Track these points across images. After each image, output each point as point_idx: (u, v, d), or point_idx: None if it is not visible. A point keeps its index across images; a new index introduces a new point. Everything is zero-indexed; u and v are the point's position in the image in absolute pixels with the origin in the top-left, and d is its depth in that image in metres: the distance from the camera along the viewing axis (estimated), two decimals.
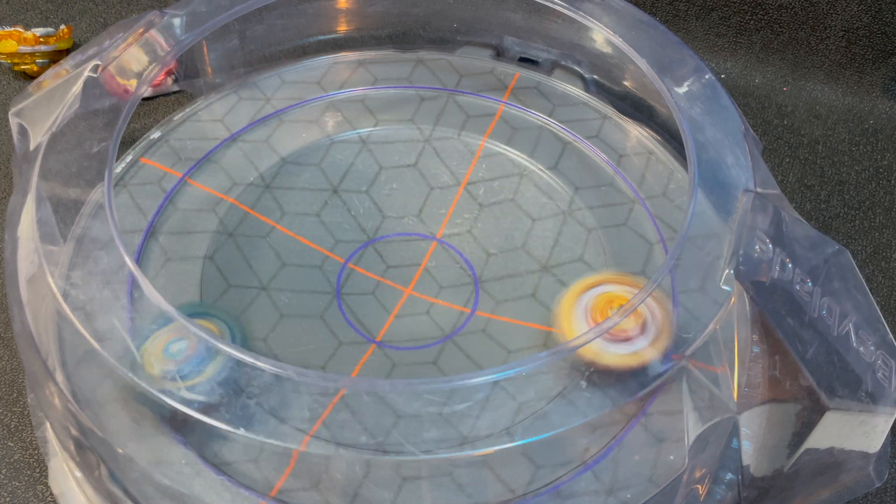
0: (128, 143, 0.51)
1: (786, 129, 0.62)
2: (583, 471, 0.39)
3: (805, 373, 0.36)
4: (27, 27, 0.61)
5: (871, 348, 0.37)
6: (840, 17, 0.62)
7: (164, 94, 0.59)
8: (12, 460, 0.44)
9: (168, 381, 0.35)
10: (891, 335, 0.38)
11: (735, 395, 0.36)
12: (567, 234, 0.48)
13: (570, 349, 0.37)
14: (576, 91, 0.56)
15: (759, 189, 0.42)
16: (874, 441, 0.37)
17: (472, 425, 0.36)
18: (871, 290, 0.42)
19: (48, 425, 0.43)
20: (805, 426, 0.36)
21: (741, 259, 0.39)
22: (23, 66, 0.60)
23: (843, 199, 0.58)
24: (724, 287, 0.38)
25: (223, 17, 0.49)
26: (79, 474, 0.41)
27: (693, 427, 0.37)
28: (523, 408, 0.38)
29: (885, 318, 0.39)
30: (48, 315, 0.39)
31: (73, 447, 0.39)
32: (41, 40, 0.60)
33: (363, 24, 0.58)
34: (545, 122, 0.54)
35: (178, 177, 0.50)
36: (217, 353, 0.35)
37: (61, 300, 0.37)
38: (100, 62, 0.45)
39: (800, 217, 0.42)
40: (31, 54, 0.60)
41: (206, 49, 0.54)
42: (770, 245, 0.39)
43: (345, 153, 0.52)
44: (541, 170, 0.51)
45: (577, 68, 0.56)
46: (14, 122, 0.46)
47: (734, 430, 0.38)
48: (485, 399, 0.37)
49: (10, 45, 0.59)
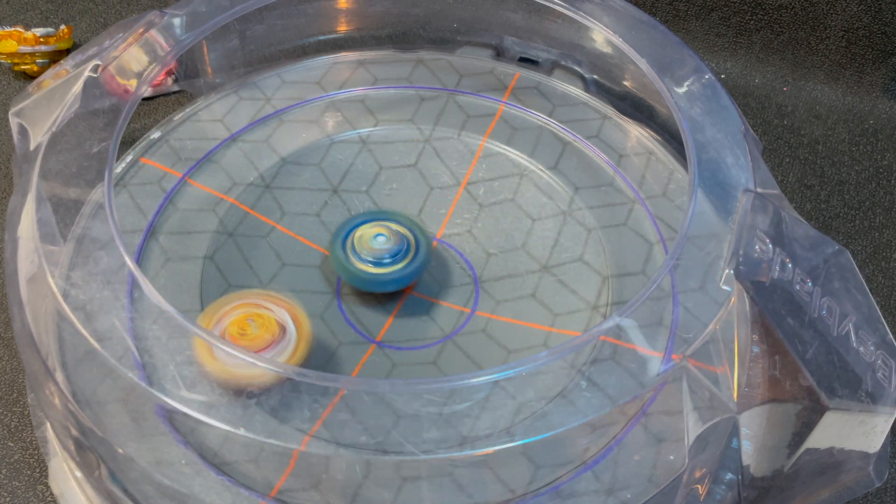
0: (128, 143, 0.51)
1: (786, 129, 0.62)
2: (583, 471, 0.39)
3: (805, 373, 0.36)
4: (27, 27, 0.61)
5: (871, 348, 0.37)
6: (840, 17, 0.62)
7: (164, 94, 0.59)
8: (12, 460, 0.44)
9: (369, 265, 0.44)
10: (891, 335, 0.38)
11: (735, 395, 0.36)
12: (567, 234, 0.48)
13: (570, 349, 0.37)
14: (576, 91, 0.56)
15: (759, 189, 0.42)
16: (874, 441, 0.37)
17: (472, 425, 0.36)
18: (871, 290, 0.42)
19: (48, 425, 0.43)
20: (805, 426, 0.36)
21: (741, 259, 0.39)
22: (23, 66, 0.60)
23: (843, 199, 0.58)
24: (724, 287, 0.38)
25: (223, 17, 0.49)
26: (79, 474, 0.41)
27: (693, 427, 0.37)
28: (523, 408, 0.38)
29: (885, 318, 0.39)
30: (48, 315, 0.39)
31: (73, 447, 0.39)
32: (41, 40, 0.60)
33: (363, 24, 0.58)
34: (545, 122, 0.54)
35: (178, 177, 0.50)
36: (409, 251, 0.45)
37: (61, 300, 0.37)
38: (100, 62, 0.45)
39: (800, 217, 0.42)
40: (31, 54, 0.60)
41: (206, 49, 0.54)
42: (770, 245, 0.39)
43: (345, 153, 0.52)
44: (541, 170, 0.51)
45: (577, 68, 0.56)
46: (14, 122, 0.46)
47: (734, 430, 0.38)
48: (485, 399, 0.37)
49: (10, 45, 0.59)
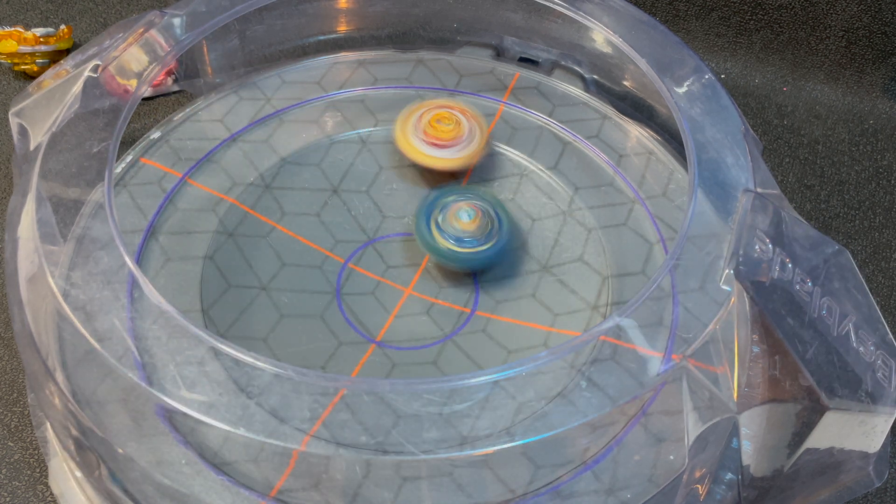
0: (128, 143, 0.51)
1: (786, 129, 0.62)
2: (583, 471, 0.39)
3: (805, 373, 0.36)
4: (27, 27, 0.61)
5: (871, 348, 0.37)
6: (840, 17, 0.62)
7: (164, 94, 0.59)
8: (12, 460, 0.44)
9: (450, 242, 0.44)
10: (891, 335, 0.38)
11: (735, 395, 0.36)
12: (567, 234, 0.48)
13: (570, 349, 0.37)
14: (576, 91, 0.56)
15: (759, 189, 0.42)
16: (874, 441, 0.37)
17: (472, 425, 0.36)
18: (871, 290, 0.42)
19: (48, 425, 0.43)
20: (805, 426, 0.36)
21: (741, 259, 0.39)
22: (23, 66, 0.60)
23: (843, 199, 0.58)
24: (724, 287, 0.38)
25: (223, 17, 0.49)
26: (79, 474, 0.41)
27: (693, 427, 0.37)
28: (523, 408, 0.38)
29: (885, 318, 0.39)
30: (48, 315, 0.39)
31: (73, 447, 0.39)
32: (41, 40, 0.60)
33: (363, 24, 0.58)
34: (545, 122, 0.54)
35: (178, 177, 0.50)
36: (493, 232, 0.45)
37: (61, 300, 0.37)
38: (100, 62, 0.45)
39: (800, 217, 0.42)
40: (31, 54, 0.60)
41: (206, 49, 0.54)
42: (770, 245, 0.39)
43: (345, 153, 0.52)
44: (541, 170, 0.51)
45: (577, 68, 0.56)
46: (14, 122, 0.46)
47: (734, 430, 0.38)
48: (485, 399, 0.37)
49: (10, 45, 0.59)
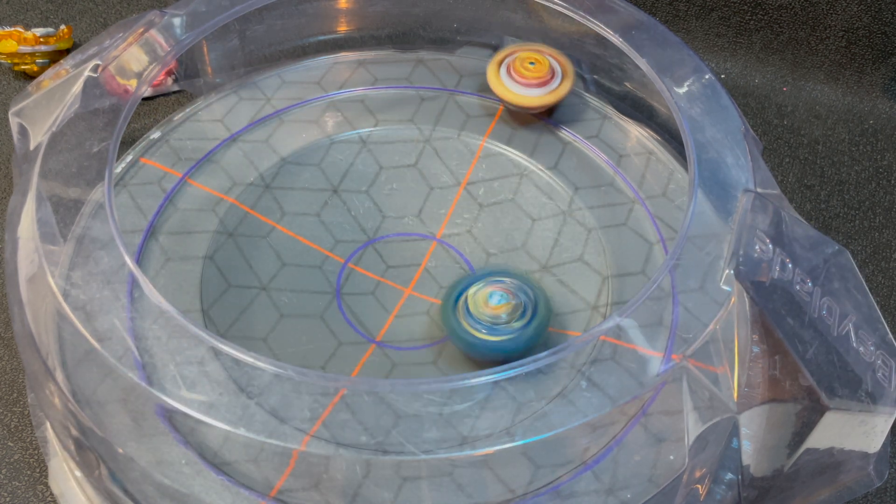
0: (128, 143, 0.51)
1: (786, 129, 0.62)
2: (583, 471, 0.39)
3: (805, 373, 0.36)
4: (27, 27, 0.61)
5: (871, 348, 0.37)
6: (840, 17, 0.62)
7: (164, 94, 0.59)
8: (12, 460, 0.44)
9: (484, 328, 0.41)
10: (891, 335, 0.38)
11: (735, 395, 0.36)
12: (567, 234, 0.48)
13: (570, 349, 0.37)
14: (576, 91, 0.56)
15: (759, 189, 0.42)
16: (874, 441, 0.37)
17: (472, 425, 0.36)
18: (871, 290, 0.42)
19: (48, 425, 0.43)
20: (805, 426, 0.36)
21: (741, 259, 0.39)
22: (23, 66, 0.60)
23: (843, 199, 0.58)
24: (724, 287, 0.38)
25: (223, 17, 0.49)
26: (79, 474, 0.41)
27: (693, 427, 0.37)
28: (523, 408, 0.38)
29: (885, 318, 0.39)
30: (48, 315, 0.39)
31: (73, 447, 0.39)
32: (41, 40, 0.60)
33: (363, 24, 0.58)
34: (545, 122, 0.54)
35: (178, 177, 0.50)
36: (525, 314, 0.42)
37: (61, 300, 0.37)
38: (100, 62, 0.45)
39: (800, 217, 0.42)
40: (31, 54, 0.60)
41: (206, 49, 0.54)
42: (770, 245, 0.39)
43: (345, 153, 0.52)
44: (541, 170, 0.51)
45: (576, 68, 0.56)
46: (14, 122, 0.46)
47: (734, 430, 0.38)
48: (485, 399, 0.37)
49: (10, 45, 0.59)
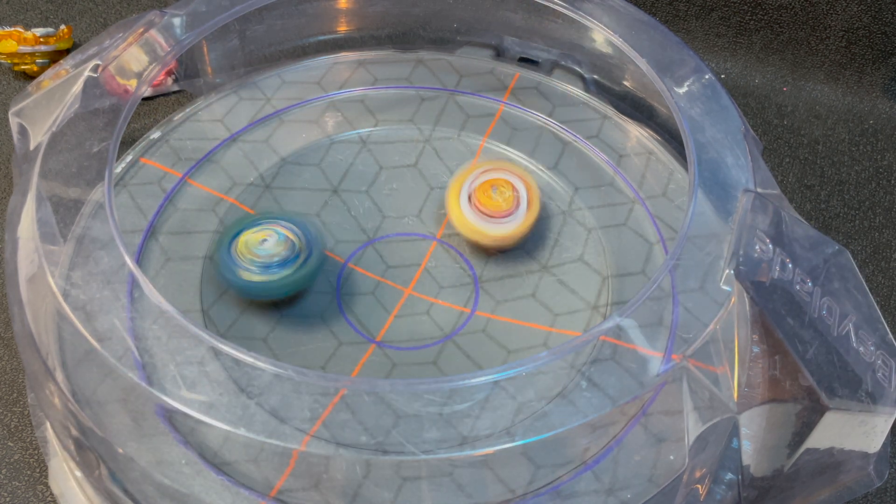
0: (128, 143, 0.51)
1: (786, 129, 0.62)
2: (583, 471, 0.39)
3: (805, 373, 0.36)
4: (27, 27, 0.61)
5: (871, 348, 0.37)
6: (840, 17, 0.62)
7: (164, 94, 0.59)
8: (12, 460, 0.44)
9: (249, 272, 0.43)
10: (891, 335, 0.38)
11: (735, 395, 0.36)
12: (567, 234, 0.48)
13: (570, 349, 0.37)
14: (576, 91, 0.56)
15: (759, 189, 0.42)
16: (874, 441, 0.37)
17: (472, 425, 0.36)
18: (871, 290, 0.42)
19: (48, 425, 0.43)
20: (805, 426, 0.36)
21: (741, 259, 0.39)
22: (23, 66, 0.60)
23: (843, 199, 0.58)
24: (724, 287, 0.38)
25: (223, 17, 0.49)
26: (79, 474, 0.41)
27: (693, 427, 0.37)
28: (523, 408, 0.38)
29: (885, 318, 0.39)
30: (48, 315, 0.39)
31: (73, 447, 0.39)
32: (41, 40, 0.60)
33: (363, 24, 0.58)
34: (545, 122, 0.54)
35: (178, 177, 0.50)
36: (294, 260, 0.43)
37: (61, 300, 0.37)
38: (100, 62, 0.45)
39: (800, 217, 0.42)
40: (31, 54, 0.60)
41: (206, 49, 0.54)
42: (770, 245, 0.39)
43: (345, 153, 0.52)
44: (541, 170, 0.51)
45: (577, 68, 0.56)
46: (14, 122, 0.46)
47: (734, 430, 0.38)
48: (485, 399, 0.37)
49: (10, 45, 0.59)
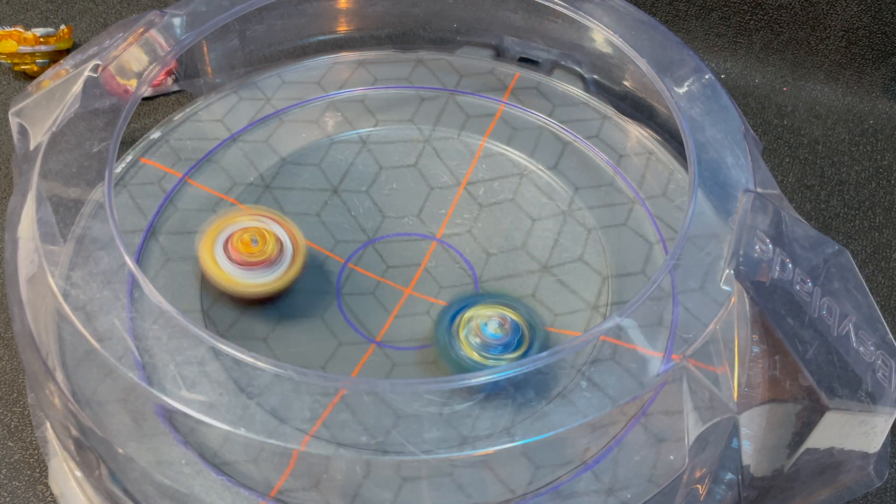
0: (128, 143, 0.51)
1: (786, 129, 0.62)
2: (583, 471, 0.39)
3: (805, 373, 0.36)
4: (27, 27, 0.61)
5: (871, 348, 0.37)
6: (840, 17, 0.62)
7: (164, 94, 0.59)
8: (12, 460, 0.44)
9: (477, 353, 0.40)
10: (891, 335, 0.38)
11: (735, 395, 0.36)
12: (567, 234, 0.48)
13: (570, 349, 0.37)
14: (576, 91, 0.56)
15: (759, 189, 0.42)
16: (874, 441, 0.37)
17: (472, 425, 0.36)
18: (871, 290, 0.42)
19: (48, 425, 0.43)
20: (805, 426, 0.36)
21: (741, 259, 0.39)
22: (23, 66, 0.60)
23: (843, 199, 0.58)
24: (724, 287, 0.38)
25: (223, 17, 0.49)
26: (79, 474, 0.41)
27: (693, 427, 0.37)
28: (523, 408, 0.38)
29: (885, 318, 0.39)
30: (48, 315, 0.39)
31: (73, 447, 0.39)
32: (41, 40, 0.60)
33: (363, 24, 0.58)
34: (545, 122, 0.54)
35: (178, 177, 0.50)
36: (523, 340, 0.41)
37: (61, 300, 0.37)
38: (100, 62, 0.45)
39: (800, 217, 0.42)
40: (31, 54, 0.60)
41: (206, 49, 0.54)
42: (770, 245, 0.39)
43: (345, 153, 0.52)
44: (541, 170, 0.51)
45: (577, 68, 0.56)
46: (14, 122, 0.46)
47: (734, 430, 0.38)
48: (485, 399, 0.37)
49: (10, 45, 0.59)
